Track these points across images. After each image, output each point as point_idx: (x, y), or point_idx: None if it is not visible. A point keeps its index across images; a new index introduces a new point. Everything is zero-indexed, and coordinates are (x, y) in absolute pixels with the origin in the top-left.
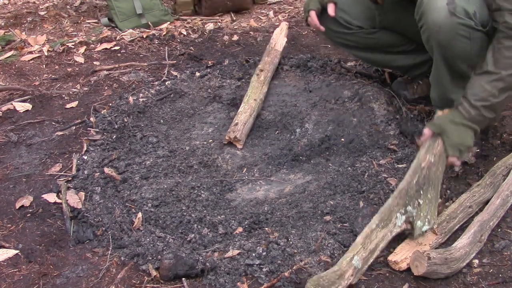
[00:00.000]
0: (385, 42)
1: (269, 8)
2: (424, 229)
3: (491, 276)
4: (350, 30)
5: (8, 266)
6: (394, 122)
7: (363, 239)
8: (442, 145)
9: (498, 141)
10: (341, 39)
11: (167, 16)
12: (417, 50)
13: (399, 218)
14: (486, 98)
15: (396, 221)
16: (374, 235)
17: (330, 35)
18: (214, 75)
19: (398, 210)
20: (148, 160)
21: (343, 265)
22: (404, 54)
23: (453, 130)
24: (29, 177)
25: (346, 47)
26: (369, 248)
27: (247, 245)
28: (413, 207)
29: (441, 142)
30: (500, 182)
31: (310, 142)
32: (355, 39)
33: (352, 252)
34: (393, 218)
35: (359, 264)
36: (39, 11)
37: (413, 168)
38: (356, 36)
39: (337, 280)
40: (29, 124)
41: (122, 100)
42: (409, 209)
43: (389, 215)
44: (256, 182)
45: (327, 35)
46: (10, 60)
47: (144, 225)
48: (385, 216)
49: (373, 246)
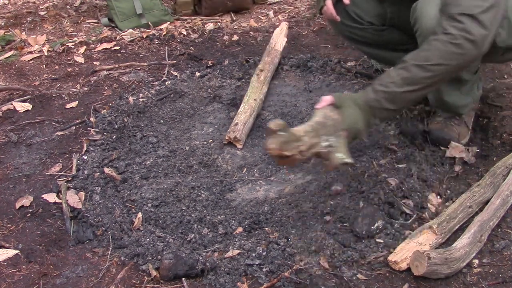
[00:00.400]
0: (394, 39)
1: (269, 8)
2: (346, 160)
3: (491, 276)
4: (361, 25)
5: (8, 266)
6: (394, 122)
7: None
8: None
9: (498, 141)
10: (350, 33)
11: (167, 16)
12: None
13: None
14: (387, 84)
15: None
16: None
17: (340, 28)
18: (214, 75)
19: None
20: (148, 160)
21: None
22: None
23: (351, 107)
24: (29, 177)
25: (354, 42)
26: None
27: (247, 245)
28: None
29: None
30: (500, 182)
31: None
32: (365, 35)
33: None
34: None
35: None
36: (39, 11)
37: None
38: (366, 31)
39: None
40: (29, 124)
41: (122, 100)
42: (332, 139)
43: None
44: (256, 182)
45: (337, 28)
46: (10, 60)
47: (144, 225)
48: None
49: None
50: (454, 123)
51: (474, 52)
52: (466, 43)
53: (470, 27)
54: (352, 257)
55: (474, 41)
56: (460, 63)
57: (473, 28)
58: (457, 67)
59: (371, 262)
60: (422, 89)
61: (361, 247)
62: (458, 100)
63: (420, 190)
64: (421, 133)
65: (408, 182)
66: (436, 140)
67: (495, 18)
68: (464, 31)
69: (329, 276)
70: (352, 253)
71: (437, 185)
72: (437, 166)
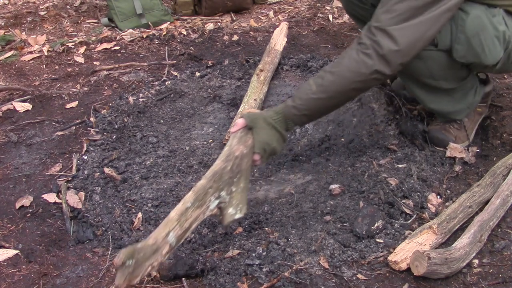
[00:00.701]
0: None
1: (269, 8)
2: (236, 216)
3: (491, 276)
4: (364, 5)
5: (8, 266)
6: (394, 122)
7: (179, 216)
8: (251, 142)
9: (498, 141)
10: (354, 11)
11: (167, 16)
12: None
13: (212, 202)
14: (305, 91)
15: (210, 204)
16: (190, 214)
17: (345, 3)
18: (214, 75)
19: (213, 193)
20: (148, 160)
21: (159, 240)
22: None
23: (262, 127)
24: (29, 177)
25: (357, 20)
26: (184, 226)
27: (247, 245)
28: (227, 193)
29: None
30: (500, 182)
31: (310, 142)
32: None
33: (168, 227)
34: (207, 201)
35: (174, 242)
36: (39, 11)
37: (226, 155)
38: (368, 12)
39: (153, 256)
40: (29, 124)
41: (122, 100)
42: (223, 195)
43: (204, 196)
44: (256, 182)
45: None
46: (10, 60)
47: (144, 225)
48: (200, 197)
49: (187, 225)
50: (454, 126)
51: (382, 65)
52: (375, 55)
53: (381, 40)
54: (352, 257)
55: (383, 55)
56: (368, 74)
57: (384, 42)
58: (367, 78)
59: (371, 262)
60: (337, 97)
61: (361, 247)
62: (448, 107)
63: (420, 190)
64: (421, 133)
65: (408, 182)
66: (432, 140)
67: (413, 37)
68: (375, 43)
69: (329, 276)
70: (352, 253)
71: (437, 185)
72: (437, 166)
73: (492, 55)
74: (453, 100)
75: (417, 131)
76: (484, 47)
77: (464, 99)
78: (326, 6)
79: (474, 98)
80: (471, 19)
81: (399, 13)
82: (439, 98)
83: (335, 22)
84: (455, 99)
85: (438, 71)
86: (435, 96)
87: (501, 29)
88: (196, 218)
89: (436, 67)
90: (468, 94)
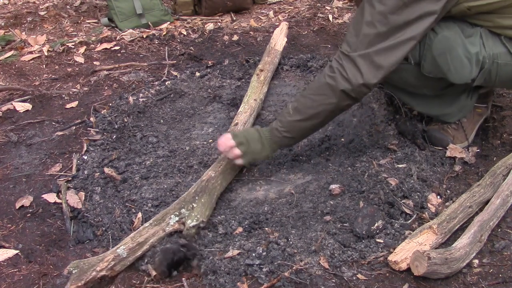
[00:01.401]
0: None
1: (269, 8)
2: (191, 224)
3: (491, 276)
4: None
5: (8, 266)
6: (394, 122)
7: (134, 234)
8: (225, 166)
9: (498, 141)
10: None
11: (167, 16)
12: None
13: (172, 219)
14: (284, 114)
15: (170, 220)
16: (145, 231)
17: None
18: (214, 75)
19: (173, 213)
20: (148, 160)
21: (107, 253)
22: None
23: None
24: (29, 177)
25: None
26: (137, 241)
27: (247, 245)
28: (186, 209)
29: (225, 162)
30: (500, 182)
31: (310, 142)
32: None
33: (121, 244)
34: (167, 219)
35: (124, 253)
36: (39, 11)
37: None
38: None
39: (97, 263)
40: (29, 124)
41: (122, 100)
42: (183, 211)
43: (163, 217)
44: (256, 182)
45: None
46: (10, 60)
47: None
48: (159, 217)
49: (142, 239)
50: (452, 127)
51: (349, 89)
52: (340, 79)
53: (345, 65)
54: (352, 257)
55: (348, 79)
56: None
57: (348, 67)
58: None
59: (371, 262)
60: (311, 119)
61: (361, 247)
62: (438, 110)
63: (420, 190)
64: (420, 132)
65: (408, 182)
66: (431, 139)
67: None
68: (341, 67)
69: (329, 276)
70: (352, 253)
71: (437, 185)
72: (437, 166)
73: (459, 74)
74: (443, 103)
75: (417, 131)
76: (450, 66)
77: (455, 102)
78: (326, 6)
79: (467, 101)
80: (438, 40)
81: (365, 39)
82: (427, 101)
83: (335, 22)
84: (445, 102)
85: (416, 82)
86: (422, 100)
87: (473, 50)
88: (154, 233)
89: (412, 79)
90: (459, 97)
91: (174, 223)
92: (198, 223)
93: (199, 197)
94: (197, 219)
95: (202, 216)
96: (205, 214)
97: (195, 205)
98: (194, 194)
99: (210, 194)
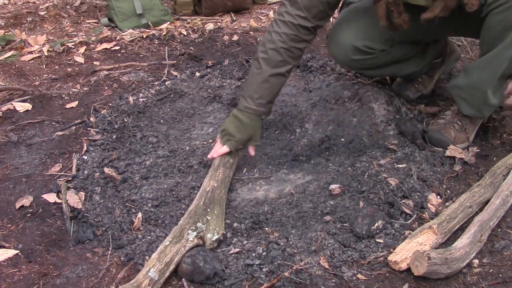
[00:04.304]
0: (399, 55)
1: (269, 8)
2: (213, 238)
3: (491, 276)
4: (373, 55)
5: (8, 266)
6: (394, 122)
7: (158, 254)
8: (222, 174)
9: (498, 141)
10: (360, 64)
11: (167, 16)
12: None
13: (190, 234)
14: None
15: (188, 236)
16: (168, 250)
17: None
18: (214, 75)
19: (189, 228)
20: (148, 160)
21: (140, 277)
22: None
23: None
24: (29, 177)
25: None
26: (164, 261)
27: (247, 245)
28: (202, 223)
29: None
30: (500, 182)
31: (310, 142)
32: (375, 62)
33: (149, 266)
34: (185, 235)
35: (156, 276)
36: (39, 11)
37: (199, 192)
38: (377, 58)
39: None
40: (29, 124)
41: (122, 100)
42: (199, 225)
43: (181, 233)
44: (256, 182)
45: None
46: (10, 60)
47: (144, 225)
48: (177, 234)
49: (168, 259)
50: (454, 127)
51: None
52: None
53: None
54: (352, 257)
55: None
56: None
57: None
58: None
59: (371, 262)
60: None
61: (361, 247)
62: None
63: (420, 190)
64: (420, 132)
65: (408, 182)
66: (431, 140)
67: None
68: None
69: (329, 276)
70: (352, 253)
71: (437, 185)
72: (437, 166)
73: None
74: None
75: (417, 131)
76: None
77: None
78: None
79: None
80: None
81: None
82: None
83: None
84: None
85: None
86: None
87: None
88: (177, 252)
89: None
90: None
91: (193, 239)
92: (219, 237)
93: (211, 209)
94: (217, 232)
95: (221, 228)
96: (222, 226)
97: (209, 217)
98: (204, 206)
99: (220, 205)
